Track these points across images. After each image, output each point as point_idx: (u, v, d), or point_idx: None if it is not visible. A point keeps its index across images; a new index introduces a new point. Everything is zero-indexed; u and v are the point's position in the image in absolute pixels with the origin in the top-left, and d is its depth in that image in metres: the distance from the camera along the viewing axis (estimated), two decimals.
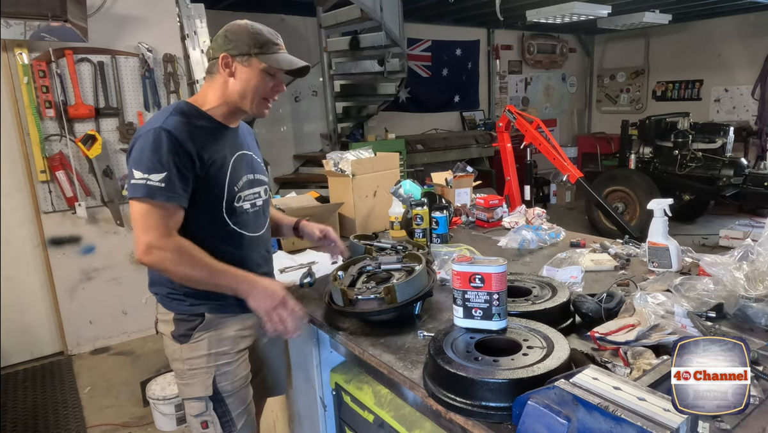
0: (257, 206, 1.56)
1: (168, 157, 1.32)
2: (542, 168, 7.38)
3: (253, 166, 1.58)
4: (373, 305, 1.42)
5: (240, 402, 1.54)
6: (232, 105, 1.47)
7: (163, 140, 1.32)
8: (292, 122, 6.11)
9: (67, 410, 3.01)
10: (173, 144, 1.33)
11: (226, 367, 1.51)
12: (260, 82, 1.43)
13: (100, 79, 3.57)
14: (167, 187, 1.31)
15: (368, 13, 4.70)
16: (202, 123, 1.44)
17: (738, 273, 1.32)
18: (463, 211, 2.69)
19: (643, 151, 6.44)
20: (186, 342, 1.49)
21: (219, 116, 1.48)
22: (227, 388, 1.51)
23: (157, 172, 1.31)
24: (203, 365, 1.49)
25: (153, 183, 1.30)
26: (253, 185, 1.55)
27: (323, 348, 1.73)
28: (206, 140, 1.41)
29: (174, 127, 1.35)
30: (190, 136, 1.37)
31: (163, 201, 1.31)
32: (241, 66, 1.42)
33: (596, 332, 1.26)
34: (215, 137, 1.45)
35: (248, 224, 1.53)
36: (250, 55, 1.41)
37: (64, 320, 3.67)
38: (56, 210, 3.55)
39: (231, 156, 1.48)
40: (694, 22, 7.68)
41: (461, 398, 1.03)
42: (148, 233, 1.31)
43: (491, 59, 8.12)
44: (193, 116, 1.43)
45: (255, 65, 1.42)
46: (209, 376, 1.49)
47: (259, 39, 1.42)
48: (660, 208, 1.76)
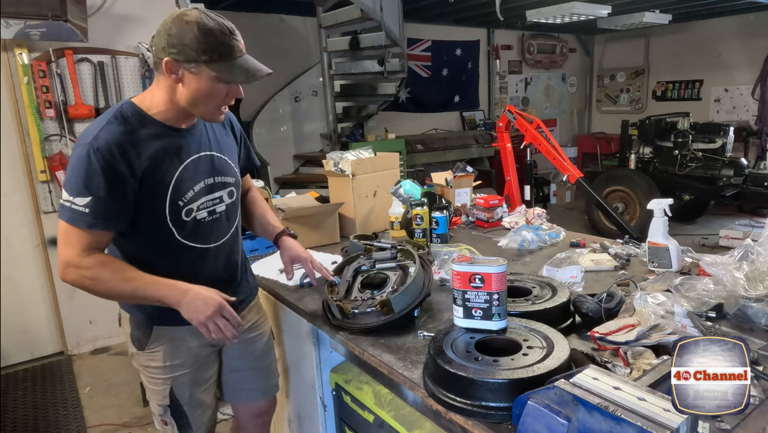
0: (217, 213, 1.44)
1: (95, 180, 1.20)
2: (542, 168, 7.38)
3: (216, 168, 1.44)
4: (371, 318, 1.43)
5: (197, 405, 1.53)
6: (183, 111, 1.32)
7: (92, 161, 1.20)
8: (292, 122, 6.11)
9: (67, 410, 3.01)
10: (102, 165, 1.20)
11: (182, 378, 1.49)
12: (212, 91, 1.26)
13: (100, 79, 3.57)
14: (91, 213, 1.21)
15: (368, 13, 4.70)
16: (145, 131, 1.29)
17: (738, 273, 1.32)
18: (463, 211, 2.69)
19: (643, 151, 6.44)
20: (142, 350, 1.47)
21: (167, 120, 1.32)
22: (184, 396, 1.50)
23: (82, 196, 1.20)
24: (160, 376, 1.48)
25: (77, 207, 1.21)
26: (214, 190, 1.43)
27: (323, 348, 1.73)
28: (147, 150, 1.27)
29: (106, 143, 1.21)
30: (124, 150, 1.23)
31: (84, 228, 1.22)
32: (189, 74, 1.24)
33: (596, 332, 1.26)
34: (160, 145, 1.30)
35: (204, 234, 1.42)
36: (198, 62, 1.22)
37: (64, 320, 3.67)
38: (56, 210, 3.54)
39: (180, 163, 1.34)
40: (694, 22, 7.68)
41: (461, 398, 1.03)
42: (67, 251, 1.23)
43: (491, 59, 8.12)
44: (134, 123, 1.28)
45: (205, 74, 1.23)
46: (166, 387, 1.48)
47: (209, 44, 1.21)
48: (660, 208, 1.76)
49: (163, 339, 1.45)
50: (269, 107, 5.83)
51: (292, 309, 1.75)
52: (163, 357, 1.46)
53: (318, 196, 2.60)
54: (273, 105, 5.86)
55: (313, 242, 2.30)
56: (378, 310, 1.41)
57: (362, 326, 1.43)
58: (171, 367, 1.47)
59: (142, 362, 1.49)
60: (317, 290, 1.79)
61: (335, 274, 1.63)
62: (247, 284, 1.65)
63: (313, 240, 2.31)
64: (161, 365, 1.47)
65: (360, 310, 1.44)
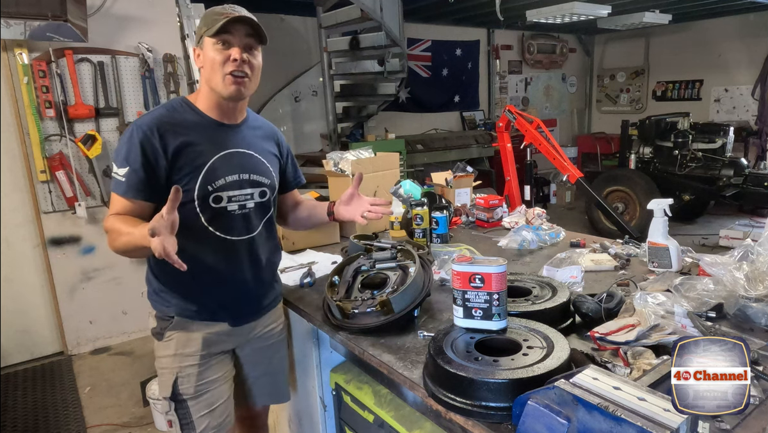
0: (247, 209, 1.51)
1: (133, 153, 1.35)
2: (542, 168, 7.38)
3: (250, 166, 1.52)
4: (371, 318, 1.43)
5: (204, 405, 1.52)
6: (214, 96, 1.45)
7: (133, 137, 1.36)
8: (292, 122, 6.11)
9: (67, 410, 3.01)
10: (140, 139, 1.35)
11: (189, 369, 1.50)
12: (214, 55, 1.40)
13: (100, 79, 3.57)
14: (126, 182, 1.36)
15: (368, 13, 4.70)
16: (188, 117, 1.45)
17: (738, 273, 1.32)
18: (463, 211, 2.69)
19: (643, 151, 6.44)
20: (160, 340, 1.52)
21: (209, 111, 1.47)
22: (189, 391, 1.50)
23: (122, 167, 1.36)
24: (168, 365, 1.51)
25: (118, 178, 1.37)
26: (245, 186, 1.50)
27: (323, 348, 1.73)
28: (186, 133, 1.41)
29: (148, 122, 1.38)
30: (162, 129, 1.38)
31: (120, 195, 1.37)
32: (201, 51, 1.44)
33: (596, 332, 1.26)
34: (200, 132, 1.44)
35: (227, 225, 1.47)
36: (202, 36, 1.42)
37: (64, 320, 3.67)
38: (56, 210, 3.55)
39: (217, 152, 1.45)
40: (694, 22, 7.68)
41: (461, 398, 1.03)
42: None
43: (491, 59, 8.12)
44: (180, 111, 1.45)
45: (207, 43, 1.41)
46: (171, 377, 1.50)
47: (208, 19, 1.41)
48: (660, 208, 1.76)
49: (179, 329, 1.50)
50: (269, 107, 5.83)
51: (292, 309, 1.75)
52: (175, 345, 1.50)
53: (318, 196, 2.60)
54: (273, 105, 5.86)
55: (313, 242, 2.30)
56: (378, 310, 1.41)
57: (362, 326, 1.43)
58: (180, 356, 1.50)
59: (158, 353, 1.54)
60: (317, 289, 1.79)
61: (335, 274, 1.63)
62: (272, 290, 1.67)
63: (313, 240, 2.31)
64: (172, 353, 1.50)
65: (360, 310, 1.44)
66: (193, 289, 1.48)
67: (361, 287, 1.57)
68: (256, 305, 1.60)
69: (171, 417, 1.53)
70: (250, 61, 1.42)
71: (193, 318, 1.50)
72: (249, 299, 1.57)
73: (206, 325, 1.51)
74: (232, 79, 1.40)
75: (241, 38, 1.40)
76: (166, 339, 1.51)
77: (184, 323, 1.50)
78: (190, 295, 1.48)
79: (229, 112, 1.50)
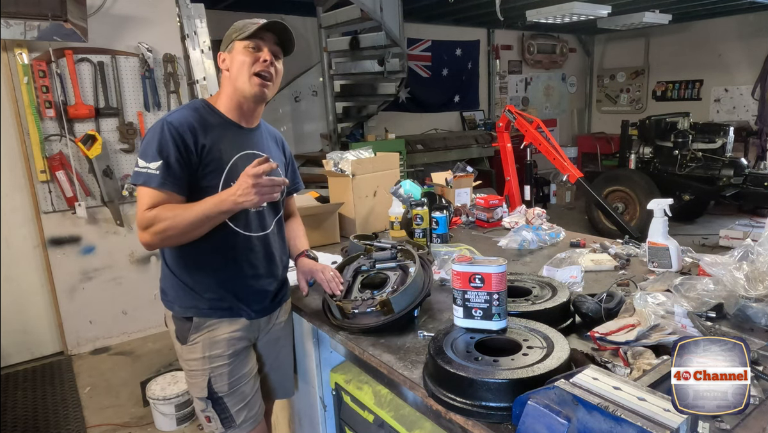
0: (261, 207, 1.57)
1: (166, 147, 1.39)
2: (542, 168, 7.38)
3: None
4: (371, 318, 1.43)
5: (239, 399, 1.58)
6: (237, 97, 1.51)
7: (164, 132, 1.40)
8: (292, 122, 6.10)
9: (67, 410, 3.01)
10: (172, 135, 1.40)
11: (220, 369, 1.54)
12: (243, 57, 1.47)
13: (100, 79, 3.57)
14: (161, 174, 1.38)
15: (368, 13, 4.70)
16: (211, 119, 1.50)
17: (738, 273, 1.32)
18: (463, 211, 2.69)
19: (643, 151, 6.44)
20: (185, 343, 1.55)
21: (230, 113, 1.53)
22: (223, 388, 1.55)
23: (155, 161, 1.39)
24: (199, 367, 1.54)
25: (151, 171, 1.38)
26: None
27: (323, 348, 1.74)
28: (210, 133, 1.47)
29: (177, 119, 1.43)
30: (192, 127, 1.43)
31: (155, 187, 1.38)
32: (229, 55, 1.50)
33: (596, 332, 1.26)
34: (222, 133, 1.50)
35: (245, 221, 1.53)
36: (233, 41, 1.49)
37: (64, 320, 3.67)
38: (56, 210, 3.55)
39: (238, 151, 1.51)
40: (694, 22, 7.68)
41: (461, 398, 1.03)
42: (138, 214, 1.40)
43: (491, 59, 8.12)
44: (203, 113, 1.50)
45: (237, 47, 1.48)
46: (204, 378, 1.54)
47: (239, 25, 1.50)
48: (660, 208, 1.76)
49: (203, 331, 1.53)
50: (269, 107, 5.81)
51: (293, 309, 1.76)
52: (202, 348, 1.53)
53: (318, 196, 2.60)
54: (273, 105, 5.86)
55: (313, 242, 2.30)
56: (378, 310, 1.42)
57: (362, 326, 1.43)
58: (210, 358, 1.53)
59: (184, 356, 1.57)
60: (317, 289, 1.79)
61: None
62: (285, 284, 1.73)
63: (313, 240, 2.30)
64: (200, 356, 1.53)
65: (360, 310, 1.44)
66: (212, 284, 1.51)
67: (361, 287, 1.57)
68: (270, 299, 1.64)
69: (209, 413, 1.58)
70: (276, 66, 1.50)
71: (210, 316, 1.53)
72: (265, 293, 1.62)
73: (227, 323, 1.54)
74: (259, 80, 1.47)
75: (270, 44, 1.50)
76: (191, 343, 1.53)
77: (204, 324, 1.52)
78: (209, 290, 1.52)
79: (248, 115, 1.56)
